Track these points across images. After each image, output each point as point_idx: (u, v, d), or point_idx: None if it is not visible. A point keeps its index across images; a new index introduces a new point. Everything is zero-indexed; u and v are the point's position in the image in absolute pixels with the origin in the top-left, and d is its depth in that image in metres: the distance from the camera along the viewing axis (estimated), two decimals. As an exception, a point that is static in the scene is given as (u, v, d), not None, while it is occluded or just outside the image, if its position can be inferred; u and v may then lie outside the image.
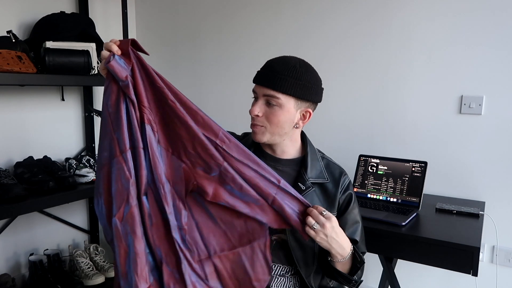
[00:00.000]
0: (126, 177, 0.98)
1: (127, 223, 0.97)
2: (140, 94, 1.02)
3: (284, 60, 1.13)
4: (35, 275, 1.99)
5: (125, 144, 0.99)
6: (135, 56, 1.03)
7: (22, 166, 1.91)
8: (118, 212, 0.97)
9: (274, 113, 1.12)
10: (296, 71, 1.11)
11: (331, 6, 2.16)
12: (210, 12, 2.52)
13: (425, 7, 1.95)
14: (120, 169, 0.98)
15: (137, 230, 0.98)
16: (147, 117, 1.02)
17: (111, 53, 1.01)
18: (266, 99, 1.12)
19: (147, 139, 1.01)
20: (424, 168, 1.75)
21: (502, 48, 1.82)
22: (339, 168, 1.25)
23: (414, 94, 2.02)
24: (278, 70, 1.10)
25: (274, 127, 1.14)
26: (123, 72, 1.00)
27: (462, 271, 1.41)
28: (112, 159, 1.00)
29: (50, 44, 1.85)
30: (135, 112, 1.01)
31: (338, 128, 2.21)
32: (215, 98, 2.57)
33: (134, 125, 1.00)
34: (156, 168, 1.01)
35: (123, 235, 0.97)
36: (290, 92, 1.10)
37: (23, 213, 1.78)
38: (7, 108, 2.03)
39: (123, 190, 0.98)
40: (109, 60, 0.99)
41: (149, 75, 1.04)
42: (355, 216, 1.23)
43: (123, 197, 0.98)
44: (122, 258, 0.97)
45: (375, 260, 1.74)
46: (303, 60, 1.17)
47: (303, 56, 1.19)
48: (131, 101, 1.01)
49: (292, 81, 1.10)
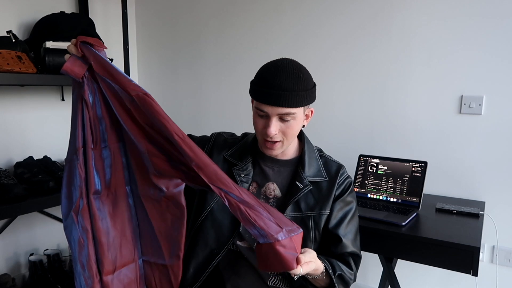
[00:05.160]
0: (79, 173, 1.00)
1: (82, 217, 1.00)
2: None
3: (284, 72, 1.08)
4: (35, 275, 1.99)
5: (79, 142, 1.01)
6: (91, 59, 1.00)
7: (22, 166, 1.91)
8: (75, 206, 1.00)
9: (290, 126, 1.11)
10: (301, 81, 1.08)
11: (333, 7, 2.16)
12: (210, 12, 2.52)
13: (425, 8, 1.95)
14: (76, 166, 1.00)
15: (88, 226, 1.00)
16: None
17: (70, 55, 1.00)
18: (280, 116, 1.10)
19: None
20: (424, 168, 1.75)
21: (502, 48, 1.82)
22: (336, 164, 1.24)
23: (414, 94, 2.02)
24: (289, 87, 1.06)
25: (290, 138, 1.14)
26: (78, 71, 1.00)
27: (462, 271, 1.41)
28: (72, 155, 1.02)
29: (50, 44, 1.85)
30: (89, 113, 1.01)
31: (338, 128, 2.21)
32: (215, 98, 2.57)
33: (87, 124, 1.01)
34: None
35: (80, 227, 1.00)
36: (303, 104, 1.10)
37: (23, 213, 1.78)
38: (7, 108, 2.03)
39: (77, 186, 1.00)
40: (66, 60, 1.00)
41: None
42: (346, 204, 1.20)
43: (79, 191, 1.00)
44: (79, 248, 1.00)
45: (375, 260, 1.75)
46: (295, 61, 1.13)
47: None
48: (85, 101, 1.01)
49: (303, 94, 1.08)
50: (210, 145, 1.25)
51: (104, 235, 1.02)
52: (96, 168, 1.01)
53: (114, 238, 1.04)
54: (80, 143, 1.01)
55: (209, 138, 1.28)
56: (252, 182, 1.20)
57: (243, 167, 1.19)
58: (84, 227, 1.00)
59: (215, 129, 1.34)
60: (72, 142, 1.02)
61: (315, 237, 1.17)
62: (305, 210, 1.16)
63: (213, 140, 1.26)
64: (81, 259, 1.00)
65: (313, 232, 1.16)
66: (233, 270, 1.17)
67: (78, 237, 1.00)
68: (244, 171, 1.19)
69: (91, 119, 1.01)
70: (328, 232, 1.18)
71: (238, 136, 1.31)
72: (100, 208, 1.02)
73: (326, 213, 1.17)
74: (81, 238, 1.00)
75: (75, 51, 0.99)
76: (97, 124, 1.02)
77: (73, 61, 0.99)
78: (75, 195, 1.00)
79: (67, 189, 1.01)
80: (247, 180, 1.19)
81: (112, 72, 0.97)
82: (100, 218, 1.01)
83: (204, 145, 1.25)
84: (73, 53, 1.00)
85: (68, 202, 1.01)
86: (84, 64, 1.00)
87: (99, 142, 1.02)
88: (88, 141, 1.01)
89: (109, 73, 0.97)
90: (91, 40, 0.99)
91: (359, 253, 1.21)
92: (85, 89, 1.00)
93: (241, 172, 1.19)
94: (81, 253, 1.00)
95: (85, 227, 1.00)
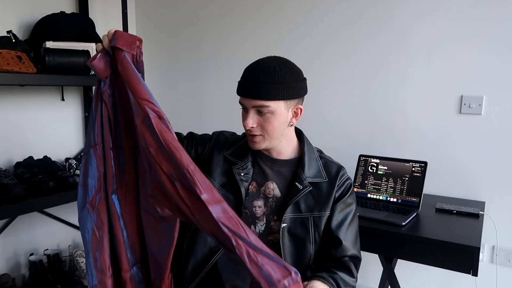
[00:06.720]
0: (98, 168, 1.00)
1: (98, 211, 0.99)
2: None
3: (262, 66, 1.11)
4: (35, 275, 1.99)
5: (98, 138, 1.00)
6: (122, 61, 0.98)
7: (22, 166, 1.91)
8: (91, 199, 0.99)
9: (268, 120, 1.12)
10: (277, 74, 1.09)
11: (332, 6, 2.16)
12: (210, 12, 2.52)
13: (425, 7, 1.95)
14: (95, 159, 1.00)
15: (105, 221, 1.00)
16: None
17: (102, 48, 0.98)
18: (256, 109, 1.12)
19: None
20: (424, 168, 1.75)
21: (502, 48, 1.82)
22: (336, 166, 1.24)
23: (414, 94, 2.02)
24: (261, 79, 1.08)
25: (271, 133, 1.14)
26: (103, 71, 0.98)
27: (462, 271, 1.42)
28: (89, 148, 1.01)
29: (50, 44, 1.85)
30: (109, 113, 1.00)
31: (338, 128, 2.21)
32: (215, 98, 2.57)
33: (105, 124, 1.00)
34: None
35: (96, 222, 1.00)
36: (278, 97, 1.10)
37: (23, 213, 1.78)
38: (7, 108, 2.03)
39: (95, 179, 1.00)
40: (96, 57, 0.98)
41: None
42: (347, 206, 1.20)
43: (98, 185, 0.99)
44: (94, 243, 1.00)
45: (375, 260, 1.75)
46: (280, 58, 1.15)
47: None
48: (104, 102, 1.00)
49: (277, 86, 1.09)
50: (211, 144, 1.25)
51: (121, 233, 1.01)
52: (116, 167, 1.01)
53: (128, 237, 1.03)
54: (99, 139, 1.00)
55: (211, 136, 1.28)
56: (252, 181, 1.20)
57: (243, 166, 1.19)
58: (101, 221, 0.99)
59: (215, 128, 1.34)
60: (91, 137, 1.01)
61: (314, 239, 1.17)
62: (305, 211, 1.16)
63: (214, 139, 1.27)
64: (94, 252, 0.99)
65: (313, 233, 1.16)
66: (233, 270, 1.17)
67: (92, 230, 0.99)
68: (244, 170, 1.19)
69: (111, 120, 1.01)
70: (329, 234, 1.17)
71: (239, 136, 1.31)
72: (117, 206, 1.01)
73: (326, 215, 1.17)
74: (96, 231, 0.99)
75: (106, 45, 0.97)
76: (113, 127, 1.01)
77: (101, 58, 0.97)
78: (92, 188, 1.00)
79: (83, 180, 1.01)
80: (246, 179, 1.19)
81: (134, 84, 0.94)
82: (118, 217, 1.01)
83: (205, 144, 1.26)
84: (104, 46, 0.97)
85: (83, 193, 1.01)
86: (111, 64, 0.98)
87: (116, 143, 1.02)
88: (106, 140, 1.00)
89: (130, 83, 0.94)
90: (125, 41, 0.96)
91: (359, 255, 1.21)
92: (106, 89, 0.99)
93: (241, 171, 1.19)
94: (95, 246, 0.99)
95: (101, 221, 0.99)
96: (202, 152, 1.25)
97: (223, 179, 1.20)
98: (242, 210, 1.17)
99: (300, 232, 1.15)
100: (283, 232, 1.15)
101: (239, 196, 1.17)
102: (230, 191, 1.18)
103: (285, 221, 1.15)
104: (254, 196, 1.19)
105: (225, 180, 1.20)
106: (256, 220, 1.18)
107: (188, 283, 1.18)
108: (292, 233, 1.15)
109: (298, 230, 1.15)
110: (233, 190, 1.18)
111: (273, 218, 1.18)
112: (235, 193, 1.18)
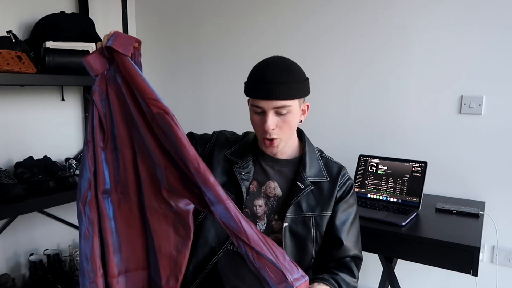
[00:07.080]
0: (89, 165, 1.00)
1: (89, 209, 0.99)
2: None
3: (275, 66, 1.10)
4: (35, 275, 1.99)
5: (90, 136, 1.01)
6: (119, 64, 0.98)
7: (22, 166, 1.91)
8: (82, 196, 0.99)
9: (287, 120, 1.11)
10: (292, 73, 1.09)
11: (332, 6, 2.16)
12: (210, 12, 2.52)
13: (425, 7, 1.95)
14: (86, 157, 1.00)
15: (95, 219, 1.00)
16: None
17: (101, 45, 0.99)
18: (276, 110, 1.10)
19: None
20: (424, 168, 1.75)
21: (502, 48, 1.82)
22: (337, 165, 1.24)
23: (414, 94, 2.02)
24: (280, 79, 1.07)
25: (288, 134, 1.14)
26: (94, 69, 0.98)
27: (462, 271, 1.42)
28: (84, 145, 1.02)
29: (50, 44, 1.85)
30: (98, 112, 1.00)
31: (338, 128, 2.21)
32: (215, 98, 2.58)
33: (96, 123, 1.00)
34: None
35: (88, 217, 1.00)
36: (298, 96, 1.10)
37: (23, 213, 1.77)
38: (7, 108, 2.03)
39: (86, 177, 1.00)
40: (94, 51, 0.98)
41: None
42: (349, 206, 1.20)
43: (88, 183, 1.00)
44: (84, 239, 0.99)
45: (375, 260, 1.75)
46: (285, 58, 1.15)
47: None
48: (94, 101, 1.00)
49: (296, 85, 1.09)
50: (211, 144, 1.26)
51: (111, 236, 1.00)
52: (107, 167, 1.01)
53: (119, 242, 1.02)
54: (90, 137, 1.00)
55: (211, 136, 1.28)
56: (253, 180, 1.20)
57: (244, 165, 1.20)
58: (91, 219, 0.99)
59: (215, 128, 1.34)
60: (85, 135, 1.03)
61: (316, 239, 1.17)
62: (307, 210, 1.16)
63: (214, 138, 1.27)
64: (85, 251, 0.99)
65: (315, 233, 1.16)
66: (233, 271, 1.17)
67: (84, 228, 0.99)
68: (245, 169, 1.19)
69: (102, 119, 1.00)
70: (330, 234, 1.17)
71: (239, 135, 1.31)
72: (109, 208, 1.01)
73: (328, 214, 1.17)
74: (86, 230, 0.99)
75: (104, 44, 0.98)
76: (109, 126, 1.01)
77: (97, 55, 0.97)
78: (83, 186, 0.99)
79: (79, 175, 1.02)
80: (247, 178, 1.19)
81: (138, 83, 0.94)
82: (108, 218, 1.00)
83: (205, 143, 1.26)
84: (102, 46, 0.98)
85: (78, 189, 1.01)
86: (106, 63, 0.98)
87: (109, 143, 1.01)
88: (96, 139, 1.00)
89: (134, 83, 0.95)
90: (121, 43, 0.96)
91: (360, 255, 1.21)
92: (96, 89, 0.99)
93: (242, 170, 1.19)
94: (86, 245, 0.99)
95: (91, 219, 0.99)
96: (202, 151, 1.25)
97: (224, 178, 1.20)
98: (243, 209, 1.17)
99: (302, 232, 1.15)
100: (285, 232, 1.15)
101: (239, 195, 1.17)
102: (231, 190, 1.18)
103: (286, 221, 1.15)
104: (255, 195, 1.19)
105: (225, 179, 1.20)
106: (257, 219, 1.18)
107: (189, 283, 1.18)
108: (293, 232, 1.15)
109: (299, 230, 1.15)
110: (234, 189, 1.18)
111: (274, 217, 1.18)
112: (235, 192, 1.18)
